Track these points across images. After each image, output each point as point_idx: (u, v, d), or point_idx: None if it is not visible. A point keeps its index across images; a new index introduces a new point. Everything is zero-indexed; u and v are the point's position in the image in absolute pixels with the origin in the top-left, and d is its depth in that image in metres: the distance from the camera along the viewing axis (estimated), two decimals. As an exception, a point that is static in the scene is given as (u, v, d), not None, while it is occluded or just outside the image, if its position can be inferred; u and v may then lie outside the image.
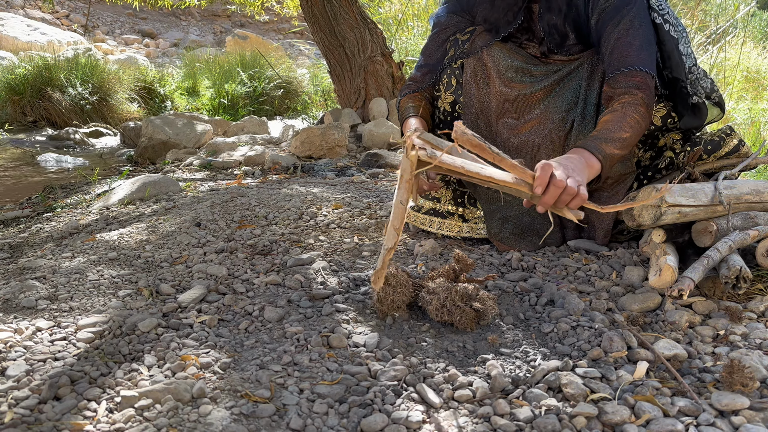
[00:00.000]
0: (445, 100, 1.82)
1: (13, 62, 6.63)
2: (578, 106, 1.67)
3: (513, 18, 1.70)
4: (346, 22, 4.26)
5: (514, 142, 1.72)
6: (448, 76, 1.81)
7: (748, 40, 6.96)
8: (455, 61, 1.79)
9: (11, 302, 1.39)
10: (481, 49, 1.73)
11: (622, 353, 1.14)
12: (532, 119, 1.71)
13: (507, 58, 1.71)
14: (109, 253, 1.74)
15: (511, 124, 1.73)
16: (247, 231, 1.90)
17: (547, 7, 1.67)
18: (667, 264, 1.36)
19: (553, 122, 1.69)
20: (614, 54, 1.55)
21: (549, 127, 1.69)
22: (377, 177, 3.01)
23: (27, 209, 2.83)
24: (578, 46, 1.69)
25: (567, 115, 1.69)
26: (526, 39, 1.76)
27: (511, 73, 1.71)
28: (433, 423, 0.96)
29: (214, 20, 14.71)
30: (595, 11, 1.60)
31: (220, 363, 1.11)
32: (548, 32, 1.69)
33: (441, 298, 1.29)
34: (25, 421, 0.92)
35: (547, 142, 1.69)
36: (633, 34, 1.54)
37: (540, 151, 1.70)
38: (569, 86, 1.69)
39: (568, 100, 1.69)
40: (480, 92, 1.75)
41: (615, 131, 1.45)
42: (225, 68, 6.76)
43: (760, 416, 0.95)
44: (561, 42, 1.69)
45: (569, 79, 1.69)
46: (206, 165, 3.55)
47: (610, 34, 1.56)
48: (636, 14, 1.56)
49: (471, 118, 1.78)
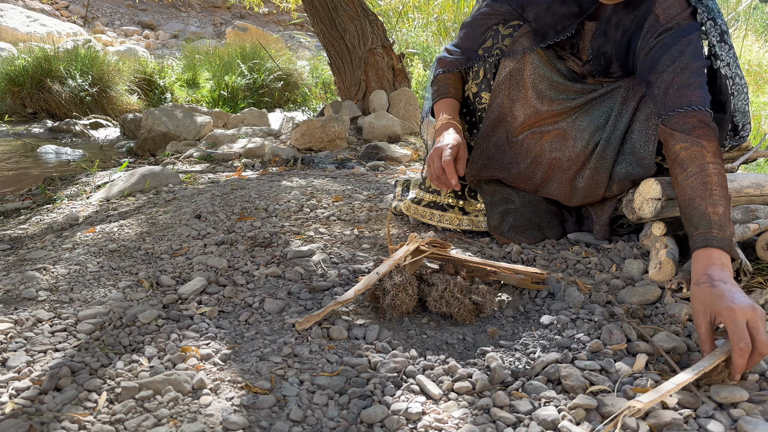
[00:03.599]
0: (470, 88, 1.79)
1: (13, 53, 6.61)
2: (606, 129, 1.61)
3: (563, 29, 1.62)
4: (347, 13, 4.24)
5: (534, 150, 1.69)
6: (479, 66, 1.76)
7: (750, 33, 6.93)
8: (491, 54, 1.73)
9: (11, 293, 1.39)
10: (522, 53, 1.67)
11: (621, 346, 1.14)
12: (556, 130, 1.67)
13: (546, 70, 1.65)
14: (109, 245, 1.74)
15: (533, 131, 1.69)
16: (248, 223, 1.90)
17: (603, 31, 1.58)
18: (668, 257, 1.36)
19: (575, 140, 1.64)
20: (669, 94, 1.42)
21: (571, 144, 1.65)
22: (377, 169, 3.01)
23: (27, 201, 2.83)
24: (620, 72, 1.63)
25: (592, 137, 1.63)
26: (569, 53, 1.69)
27: (546, 86, 1.65)
28: (432, 414, 0.96)
29: (213, 12, 14.65)
30: (644, 48, 1.50)
31: (221, 354, 1.11)
32: (595, 56, 1.62)
33: (440, 290, 1.29)
34: (25, 412, 0.92)
35: (566, 158, 1.66)
36: (689, 73, 1.41)
37: (556, 165, 1.68)
38: (600, 107, 1.64)
39: (596, 122, 1.63)
40: (510, 99, 1.70)
41: (723, 207, 1.26)
42: (225, 60, 6.73)
43: (758, 409, 0.95)
44: (605, 68, 1.63)
45: (602, 99, 1.64)
46: (206, 157, 3.54)
47: (663, 72, 1.44)
48: (693, 52, 1.43)
49: (491, 121, 1.74)
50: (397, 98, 4.29)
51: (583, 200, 1.69)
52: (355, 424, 0.94)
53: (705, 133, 1.35)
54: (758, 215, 1.51)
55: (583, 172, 1.66)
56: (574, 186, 1.68)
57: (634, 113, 1.60)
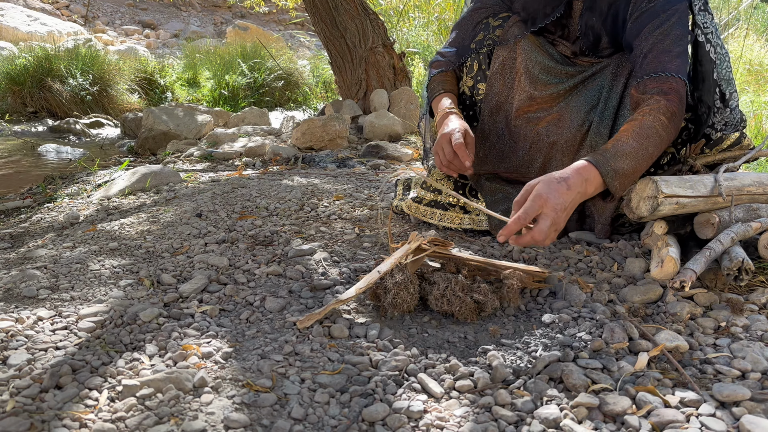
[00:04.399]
0: (466, 83, 1.81)
1: (13, 53, 6.60)
2: (598, 107, 1.64)
3: (552, 11, 1.65)
4: (347, 12, 4.24)
5: (531, 136, 1.72)
6: (472, 59, 1.78)
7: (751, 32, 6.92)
8: (483, 46, 1.76)
9: (12, 292, 1.39)
10: (514, 39, 1.70)
11: (623, 344, 1.14)
12: (551, 114, 1.69)
13: (537, 54, 1.68)
14: (109, 243, 1.74)
15: (529, 117, 1.72)
16: (248, 222, 1.89)
17: (589, 6, 1.61)
18: (670, 255, 1.36)
19: (571, 121, 1.67)
20: (648, 58, 1.47)
21: (566, 125, 1.67)
22: (378, 168, 3.01)
23: (27, 199, 2.82)
24: (610, 49, 1.65)
25: (587, 116, 1.66)
26: (559, 36, 1.72)
27: (538, 70, 1.68)
28: (434, 413, 0.96)
29: (214, 11, 14.64)
30: (634, 14, 1.54)
31: (222, 353, 1.11)
32: (584, 32, 1.64)
33: (441, 288, 1.29)
34: (26, 410, 0.92)
35: (563, 139, 1.68)
36: (671, 41, 1.46)
37: (554, 148, 1.70)
38: (592, 86, 1.67)
39: (589, 101, 1.66)
40: (505, 87, 1.73)
41: (630, 145, 1.35)
42: (225, 59, 6.73)
43: (761, 407, 0.95)
44: (594, 44, 1.65)
45: (593, 79, 1.67)
46: (207, 156, 3.54)
47: (647, 38, 1.48)
48: (677, 21, 1.48)
49: (490, 110, 1.77)
50: (398, 97, 4.29)
51: None
52: (356, 422, 0.93)
53: (671, 98, 1.40)
54: (760, 214, 1.51)
55: (580, 152, 1.67)
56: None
57: (624, 89, 1.62)
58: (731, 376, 1.05)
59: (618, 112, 1.63)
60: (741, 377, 1.05)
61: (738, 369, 1.06)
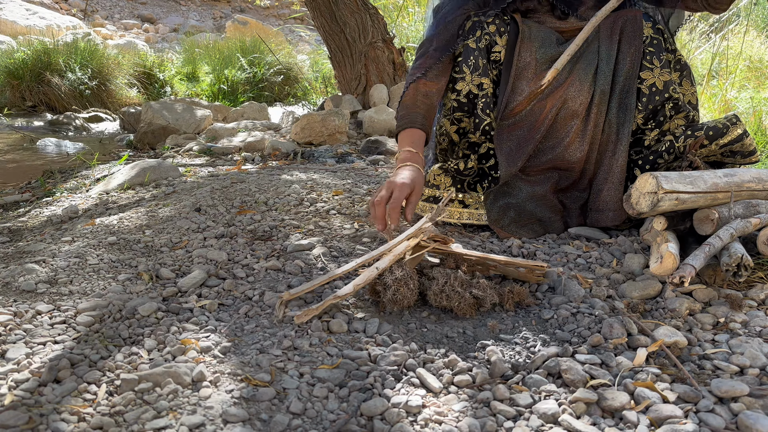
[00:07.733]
0: (472, 81, 1.77)
1: (12, 46, 6.58)
2: (603, 72, 1.71)
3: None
4: (347, 7, 4.23)
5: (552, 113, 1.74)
6: (475, 57, 1.76)
7: (751, 29, 6.91)
8: (480, 40, 1.77)
9: (10, 285, 1.39)
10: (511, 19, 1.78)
11: (622, 340, 1.14)
12: (558, 88, 1.73)
13: (535, 30, 1.76)
14: (108, 238, 1.73)
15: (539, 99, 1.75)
16: (247, 216, 1.89)
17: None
18: (669, 251, 1.36)
19: (581, 81, 1.72)
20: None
21: (578, 87, 1.72)
22: (378, 164, 3.01)
23: (26, 193, 2.82)
24: (589, 1, 1.76)
25: (594, 77, 1.72)
26: (544, 11, 1.80)
27: (538, 44, 1.75)
28: (432, 407, 0.96)
29: (213, 5, 14.60)
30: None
31: (221, 347, 1.11)
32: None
33: (440, 284, 1.29)
34: (25, 404, 0.92)
35: (579, 102, 1.73)
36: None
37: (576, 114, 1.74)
38: (588, 49, 1.73)
39: (591, 63, 1.72)
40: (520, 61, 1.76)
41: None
42: (225, 54, 6.72)
43: (759, 403, 0.95)
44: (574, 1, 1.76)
45: (586, 44, 1.72)
46: (206, 150, 3.54)
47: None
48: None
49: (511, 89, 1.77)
50: (398, 92, 4.28)
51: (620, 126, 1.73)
52: (355, 416, 0.93)
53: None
54: (759, 210, 1.51)
55: (598, 107, 1.73)
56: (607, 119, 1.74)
57: (619, 44, 1.71)
58: (730, 371, 1.05)
59: (617, 66, 1.71)
60: (739, 373, 1.05)
61: (736, 365, 1.06)
